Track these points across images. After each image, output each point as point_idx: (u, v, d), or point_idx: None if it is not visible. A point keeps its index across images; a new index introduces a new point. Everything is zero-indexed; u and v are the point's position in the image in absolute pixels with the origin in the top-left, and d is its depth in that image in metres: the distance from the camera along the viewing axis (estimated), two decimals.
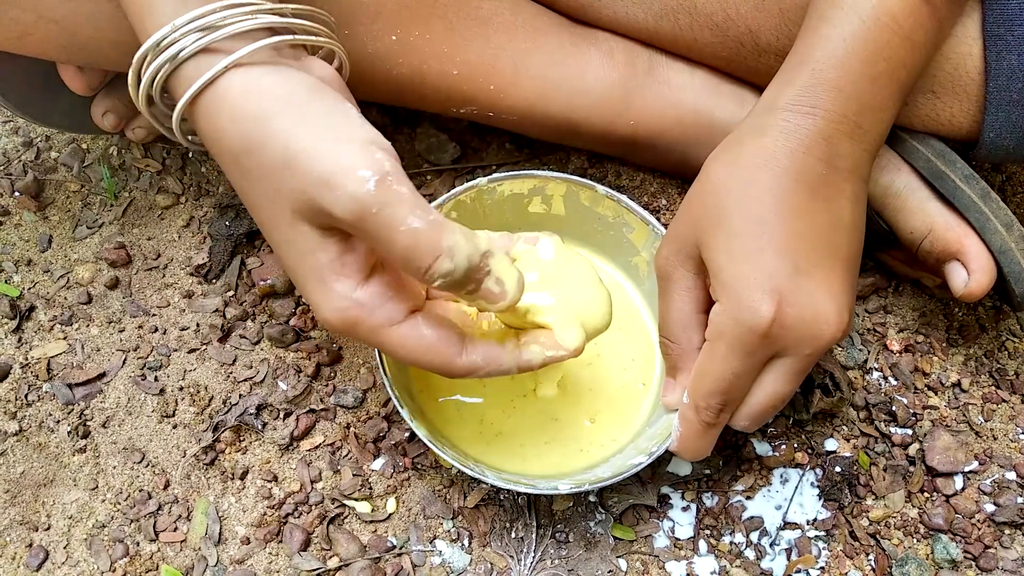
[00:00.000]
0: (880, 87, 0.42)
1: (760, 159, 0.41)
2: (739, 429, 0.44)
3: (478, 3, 0.52)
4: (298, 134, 0.35)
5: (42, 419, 0.53)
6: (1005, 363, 0.57)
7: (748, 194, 0.41)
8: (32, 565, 0.49)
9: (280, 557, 0.49)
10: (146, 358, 0.55)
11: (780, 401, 0.43)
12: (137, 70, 0.38)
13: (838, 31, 0.42)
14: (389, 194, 0.34)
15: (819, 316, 0.40)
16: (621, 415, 0.51)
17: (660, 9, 0.53)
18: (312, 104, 0.36)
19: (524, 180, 0.52)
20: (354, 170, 0.34)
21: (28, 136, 0.63)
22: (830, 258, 0.41)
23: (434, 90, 0.53)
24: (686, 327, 0.44)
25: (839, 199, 0.42)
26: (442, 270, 0.35)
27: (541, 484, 0.46)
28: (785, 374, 0.41)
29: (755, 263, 0.40)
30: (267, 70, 0.37)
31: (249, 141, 0.36)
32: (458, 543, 0.50)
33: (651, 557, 0.50)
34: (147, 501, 0.51)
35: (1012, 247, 0.49)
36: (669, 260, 0.44)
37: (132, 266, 0.58)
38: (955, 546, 0.50)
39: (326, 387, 0.54)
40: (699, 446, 0.44)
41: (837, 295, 0.40)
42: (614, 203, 0.52)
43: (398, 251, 0.34)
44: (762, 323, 0.39)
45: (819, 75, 0.42)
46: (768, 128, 0.42)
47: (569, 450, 0.50)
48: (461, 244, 0.35)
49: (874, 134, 0.43)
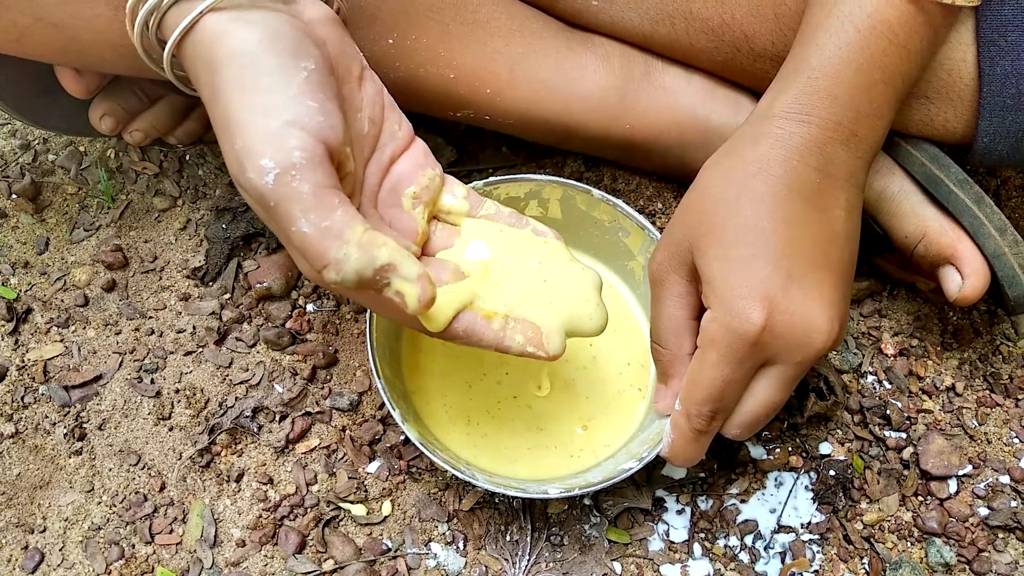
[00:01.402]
0: (875, 95, 0.42)
1: (754, 167, 0.41)
2: (731, 437, 0.44)
3: (475, 7, 0.52)
4: (234, 99, 0.34)
5: (38, 421, 0.53)
6: (999, 367, 0.57)
7: (742, 202, 0.41)
8: (28, 567, 0.49)
9: (275, 559, 0.49)
10: (142, 361, 0.55)
11: (772, 409, 0.43)
12: (131, 21, 0.38)
13: (833, 40, 0.42)
14: (287, 190, 0.33)
15: (810, 325, 0.40)
16: (615, 420, 0.51)
17: (656, 14, 0.53)
18: (262, 60, 0.35)
19: (520, 184, 0.52)
20: (259, 157, 0.33)
21: (26, 139, 0.64)
22: (823, 267, 0.41)
23: (431, 94, 0.53)
24: (678, 333, 0.44)
25: (833, 208, 0.42)
26: (328, 279, 0.34)
27: (531, 488, 0.46)
28: (776, 382, 0.41)
29: (747, 271, 0.40)
30: (238, 14, 0.36)
31: (210, 92, 0.35)
32: (453, 546, 0.50)
33: (646, 560, 0.50)
34: (143, 503, 0.51)
35: (1006, 251, 0.49)
36: (662, 266, 0.44)
37: (129, 269, 0.58)
38: (949, 550, 0.50)
39: (322, 390, 0.54)
40: (690, 453, 0.44)
41: (829, 304, 0.40)
42: (610, 207, 0.52)
43: (291, 249, 0.35)
44: (753, 331, 0.39)
45: (814, 83, 0.42)
46: (763, 136, 0.42)
47: (561, 455, 0.50)
48: (352, 257, 0.34)
49: (869, 142, 0.43)
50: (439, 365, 0.52)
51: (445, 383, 0.52)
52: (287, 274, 0.57)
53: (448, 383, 0.52)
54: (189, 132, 0.59)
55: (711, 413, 0.42)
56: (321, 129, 0.35)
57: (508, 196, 0.53)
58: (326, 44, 0.38)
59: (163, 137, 0.58)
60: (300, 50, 0.36)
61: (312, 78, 0.36)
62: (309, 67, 0.36)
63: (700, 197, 0.43)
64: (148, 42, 0.39)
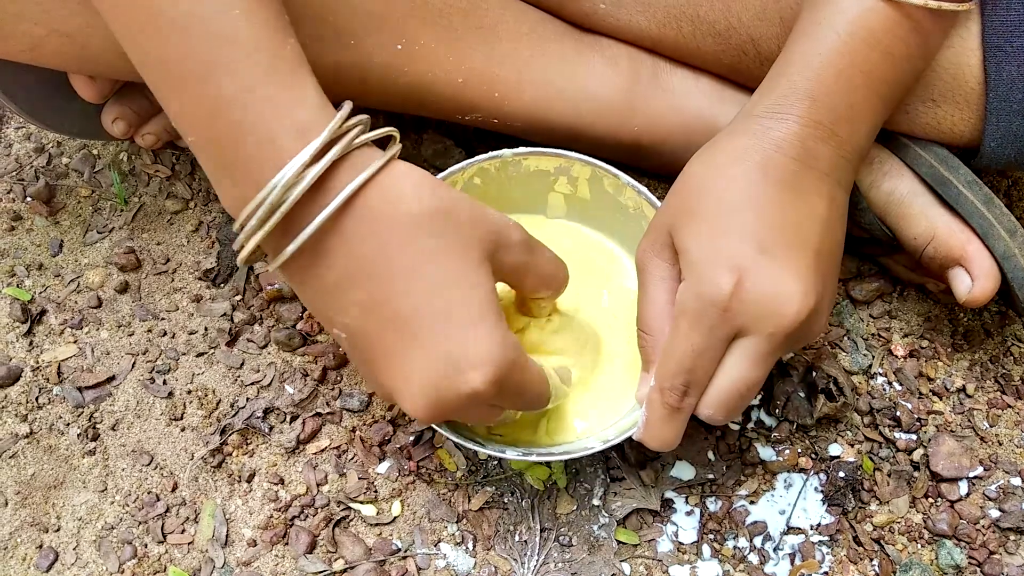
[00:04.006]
0: (857, 99, 0.43)
1: (733, 156, 0.43)
2: (706, 419, 0.43)
3: (483, 12, 0.52)
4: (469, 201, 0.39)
5: (52, 422, 0.54)
6: (1010, 368, 0.57)
7: (719, 184, 0.42)
8: (42, 566, 0.49)
9: (286, 559, 0.50)
10: (155, 362, 0.56)
11: (745, 387, 0.42)
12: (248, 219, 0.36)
13: (814, 46, 0.43)
14: (532, 240, 0.42)
15: (780, 293, 0.40)
16: (615, 415, 0.51)
17: (663, 17, 0.54)
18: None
19: (550, 158, 0.52)
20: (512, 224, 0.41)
21: (40, 142, 0.64)
22: (798, 245, 0.41)
23: (439, 97, 0.53)
24: (659, 317, 0.44)
25: (811, 195, 0.42)
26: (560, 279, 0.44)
27: (490, 446, 0.47)
28: (749, 356, 0.41)
29: (719, 243, 0.41)
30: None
31: (444, 204, 0.38)
32: (462, 546, 0.50)
33: (654, 561, 0.50)
34: (155, 503, 0.51)
35: (1016, 252, 0.49)
36: (646, 252, 0.45)
37: (141, 270, 0.59)
38: (959, 552, 0.50)
39: (332, 391, 0.55)
40: (664, 433, 0.44)
41: (802, 278, 0.40)
42: (635, 193, 0.52)
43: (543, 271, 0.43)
44: (721, 296, 0.40)
45: (793, 85, 0.43)
46: (743, 131, 0.43)
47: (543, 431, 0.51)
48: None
49: (852, 143, 0.43)
50: None
51: None
52: None
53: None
54: None
55: (684, 386, 0.42)
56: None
57: (537, 168, 0.53)
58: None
59: (175, 140, 0.59)
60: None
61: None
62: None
63: (682, 185, 0.44)
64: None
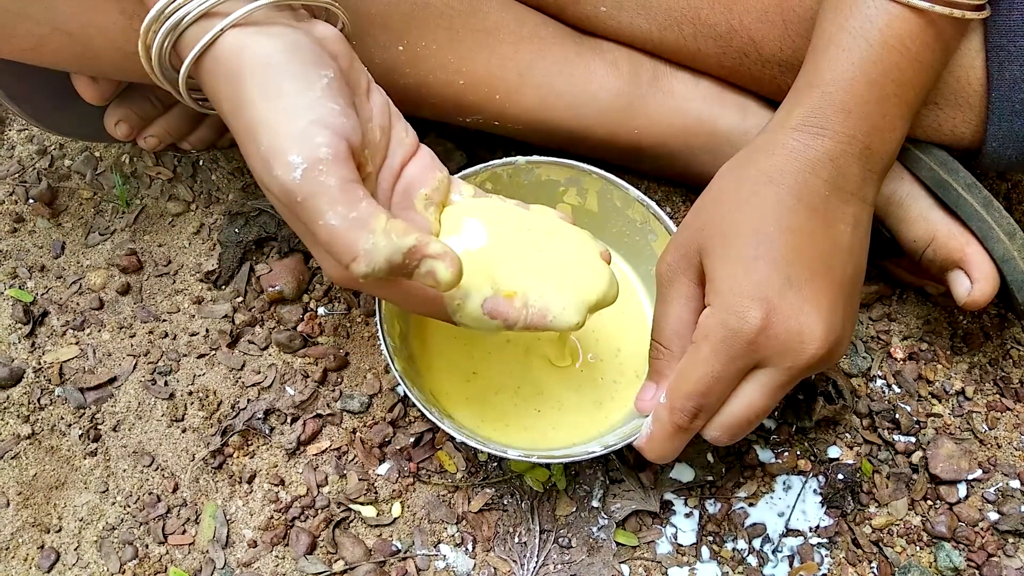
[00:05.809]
0: (889, 108, 0.43)
1: (766, 176, 0.42)
2: (709, 440, 0.43)
3: (484, 14, 0.53)
4: (259, 104, 0.36)
5: (54, 423, 0.54)
6: (1009, 371, 0.57)
7: (751, 206, 0.42)
8: (44, 567, 0.49)
9: (286, 560, 0.50)
10: (156, 363, 0.56)
11: (755, 415, 0.42)
12: (145, 39, 0.39)
13: (846, 54, 0.43)
14: (314, 185, 0.34)
15: (804, 331, 0.40)
16: (621, 416, 0.52)
17: (664, 20, 0.54)
18: (286, 68, 0.36)
19: (561, 168, 0.53)
20: (286, 154, 0.34)
21: (42, 144, 0.65)
22: (824, 277, 0.41)
23: (440, 99, 0.53)
24: (680, 334, 0.44)
25: (838, 223, 0.42)
26: (358, 272, 0.35)
27: (492, 445, 0.47)
28: (764, 387, 0.41)
29: (748, 271, 0.41)
30: (258, 30, 0.37)
31: (232, 102, 0.37)
32: (462, 548, 0.50)
33: (654, 563, 0.50)
34: (156, 504, 0.51)
35: (1015, 255, 0.49)
36: (671, 267, 0.45)
37: (143, 272, 0.59)
38: (958, 554, 0.50)
39: (333, 392, 0.55)
40: (665, 449, 0.44)
41: (826, 315, 0.40)
42: (643, 208, 0.52)
43: (320, 243, 0.35)
44: (750, 330, 0.40)
45: (828, 97, 0.43)
46: (778, 147, 0.43)
47: (543, 428, 0.51)
48: (380, 245, 0.35)
49: (882, 154, 0.44)
50: (445, 360, 0.53)
51: (452, 374, 0.53)
52: (299, 278, 0.58)
53: (455, 373, 0.53)
54: (202, 138, 0.60)
55: (695, 409, 0.42)
56: (344, 128, 0.36)
57: (548, 178, 0.54)
58: (337, 58, 0.40)
59: (177, 143, 0.59)
60: (319, 60, 0.38)
61: (332, 85, 0.37)
62: (328, 75, 0.37)
63: (712, 202, 0.44)
64: (162, 60, 0.40)
